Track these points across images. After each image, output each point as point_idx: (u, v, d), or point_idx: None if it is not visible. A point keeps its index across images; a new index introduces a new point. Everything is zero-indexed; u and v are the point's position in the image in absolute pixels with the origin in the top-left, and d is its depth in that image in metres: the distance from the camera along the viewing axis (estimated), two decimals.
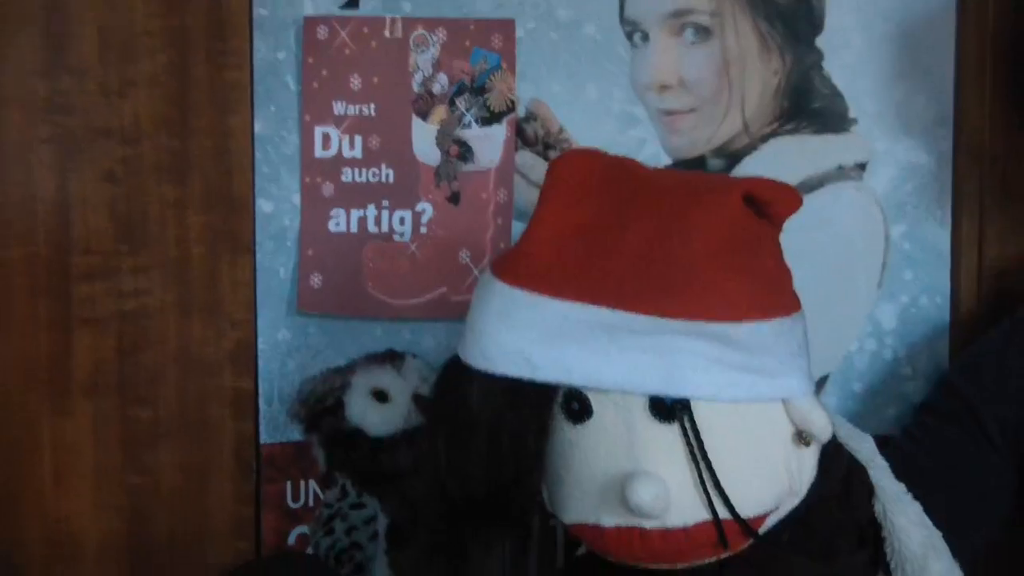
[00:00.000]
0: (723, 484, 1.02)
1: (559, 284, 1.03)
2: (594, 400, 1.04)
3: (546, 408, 1.05)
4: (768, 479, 1.05)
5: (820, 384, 1.53)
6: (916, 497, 1.20)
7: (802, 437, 1.06)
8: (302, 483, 1.53)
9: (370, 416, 1.41)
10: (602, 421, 1.04)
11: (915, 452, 1.39)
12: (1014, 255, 1.52)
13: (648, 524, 1.01)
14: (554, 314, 1.03)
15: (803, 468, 1.08)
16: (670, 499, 1.00)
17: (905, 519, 1.17)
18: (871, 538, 1.17)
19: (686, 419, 1.02)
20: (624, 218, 1.05)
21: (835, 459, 1.14)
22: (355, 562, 1.46)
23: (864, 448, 1.21)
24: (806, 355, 1.09)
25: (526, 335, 1.03)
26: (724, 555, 1.05)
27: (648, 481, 0.99)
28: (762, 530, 1.05)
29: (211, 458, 1.53)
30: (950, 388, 1.42)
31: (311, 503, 1.53)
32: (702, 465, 1.02)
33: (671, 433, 1.02)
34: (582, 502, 1.05)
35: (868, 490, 1.17)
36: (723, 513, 1.02)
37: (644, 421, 1.02)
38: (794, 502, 1.07)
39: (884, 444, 1.39)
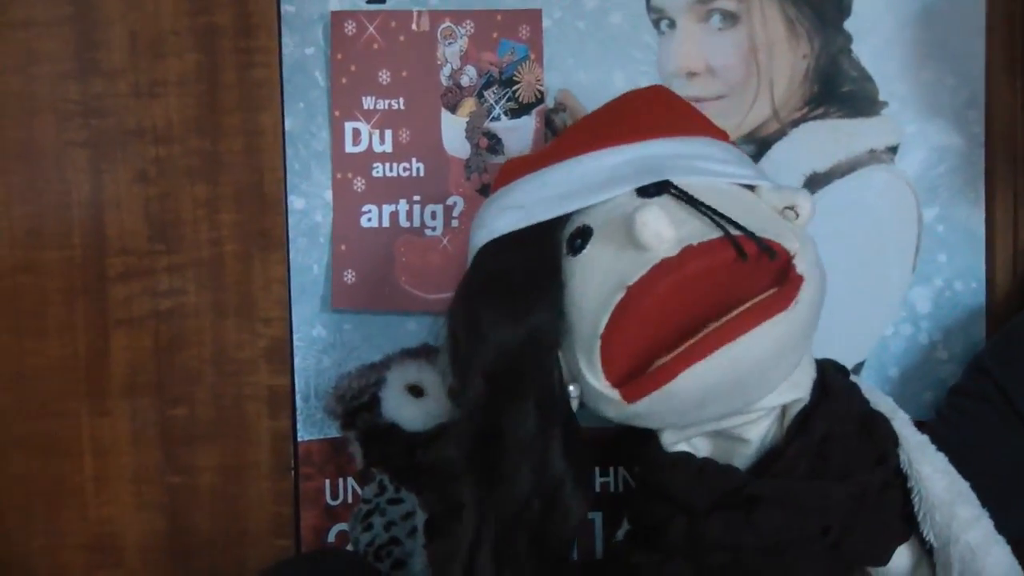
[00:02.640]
0: (720, 211, 1.10)
1: (540, 160, 1.22)
2: (591, 222, 1.14)
3: (548, 243, 1.15)
4: (766, 217, 1.13)
5: (856, 370, 1.52)
6: None
7: (787, 213, 1.17)
8: (340, 480, 1.53)
9: (406, 411, 1.41)
10: (603, 232, 1.13)
11: (948, 434, 1.38)
12: None
13: (667, 250, 1.07)
14: (541, 181, 1.20)
15: (800, 232, 1.15)
16: (669, 221, 1.07)
17: (930, 467, 1.18)
18: (892, 462, 1.17)
19: (672, 188, 1.13)
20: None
21: (843, 393, 1.18)
22: (394, 557, 1.46)
23: (884, 403, 1.23)
24: (754, 168, 1.27)
25: (518, 199, 1.19)
26: (772, 312, 1.07)
27: (646, 208, 1.07)
28: (800, 295, 1.09)
29: (248, 457, 1.53)
30: (981, 369, 1.41)
31: (349, 499, 1.53)
32: (696, 204, 1.11)
33: (662, 202, 1.12)
34: (602, 300, 1.09)
35: (892, 438, 1.18)
36: (733, 230, 1.08)
37: (635, 203, 1.12)
38: (812, 261, 1.12)
39: (918, 427, 1.39)
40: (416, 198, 1.50)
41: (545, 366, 1.14)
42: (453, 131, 1.50)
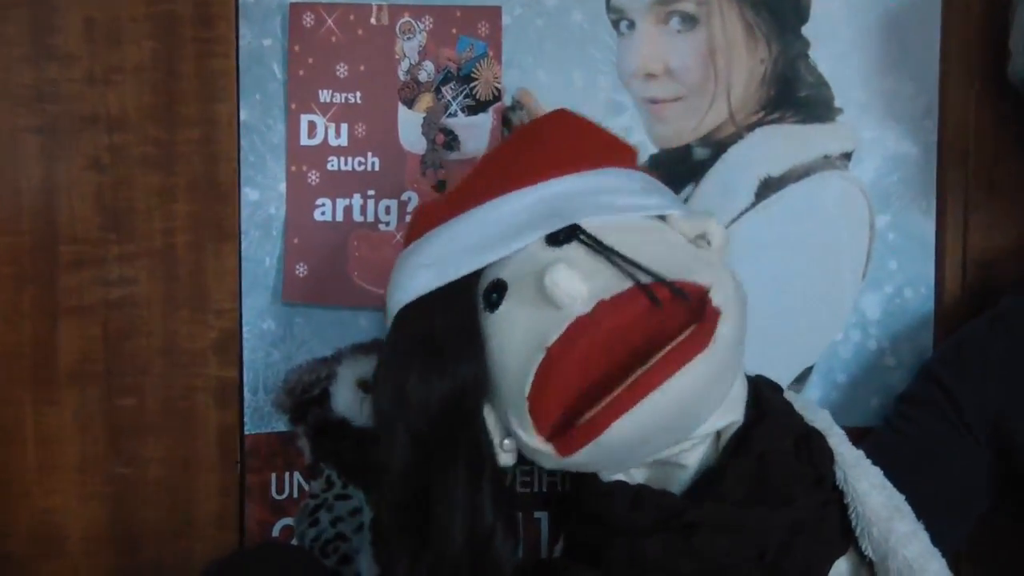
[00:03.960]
0: (629, 257, 1.10)
1: (451, 207, 1.21)
2: (505, 276, 1.13)
3: (465, 299, 1.15)
4: (674, 253, 1.14)
5: (805, 375, 1.53)
6: (896, 485, 1.20)
7: (699, 241, 1.17)
8: (287, 474, 1.53)
9: (355, 406, 1.41)
10: (516, 287, 1.12)
11: (896, 442, 1.39)
12: (998, 246, 1.52)
13: (581, 309, 1.07)
14: (450, 234, 1.19)
15: (713, 262, 1.15)
16: (578, 277, 1.07)
17: (867, 483, 1.18)
18: (829, 481, 1.18)
19: (580, 233, 1.13)
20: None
21: (781, 416, 1.18)
22: (340, 553, 1.46)
23: (820, 418, 1.23)
24: (670, 196, 1.25)
25: (430, 256, 1.18)
26: (691, 354, 1.06)
27: (555, 268, 1.07)
28: (719, 326, 1.08)
29: (196, 448, 1.52)
30: (931, 378, 1.42)
31: (296, 494, 1.52)
32: (605, 250, 1.11)
33: (571, 249, 1.13)
34: (525, 350, 1.09)
35: (828, 454, 1.18)
36: (644, 279, 1.08)
37: (547, 257, 1.12)
38: (726, 296, 1.10)
39: (866, 435, 1.41)
40: (371, 193, 1.50)
41: (471, 424, 1.14)
42: (410, 126, 1.49)
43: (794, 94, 1.50)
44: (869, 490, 1.18)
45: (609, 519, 1.14)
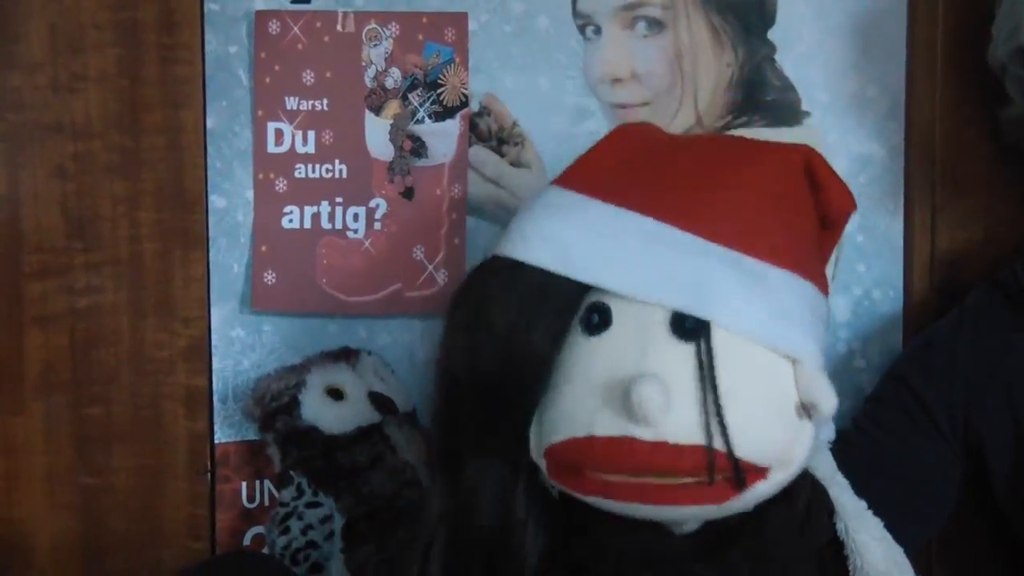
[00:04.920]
0: (724, 412, 1.00)
1: (607, 190, 1.07)
2: (615, 311, 1.03)
3: (567, 315, 1.05)
4: (768, 429, 1.03)
5: None
6: (865, 487, 1.20)
7: (804, 409, 1.05)
8: (256, 482, 1.52)
9: (325, 414, 1.41)
10: (619, 331, 1.03)
11: (864, 443, 1.39)
12: (966, 247, 1.53)
13: (642, 433, 0.99)
14: (598, 216, 1.06)
15: (800, 440, 1.05)
16: (670, 405, 0.98)
17: (867, 535, 1.15)
18: (830, 564, 1.15)
19: (703, 339, 1.01)
20: (679, 147, 1.14)
21: (800, 485, 1.12)
22: (311, 561, 1.45)
23: (823, 464, 1.20)
24: (823, 337, 1.09)
25: (568, 229, 1.06)
26: (706, 502, 1.02)
27: (653, 381, 0.98)
28: (749, 492, 1.02)
29: (164, 458, 1.52)
30: (898, 378, 1.42)
31: (266, 502, 1.52)
32: (708, 386, 1.00)
33: (685, 352, 1.01)
34: (577, 414, 1.03)
35: (828, 510, 1.16)
36: (719, 444, 1.00)
37: (662, 335, 1.02)
38: (783, 477, 1.04)
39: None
40: (338, 200, 1.49)
41: (524, 415, 1.08)
42: (377, 133, 1.49)
43: (761, 98, 1.50)
44: (869, 542, 1.16)
45: (600, 538, 1.12)
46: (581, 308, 1.05)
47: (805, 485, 1.13)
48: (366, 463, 1.41)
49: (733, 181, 1.06)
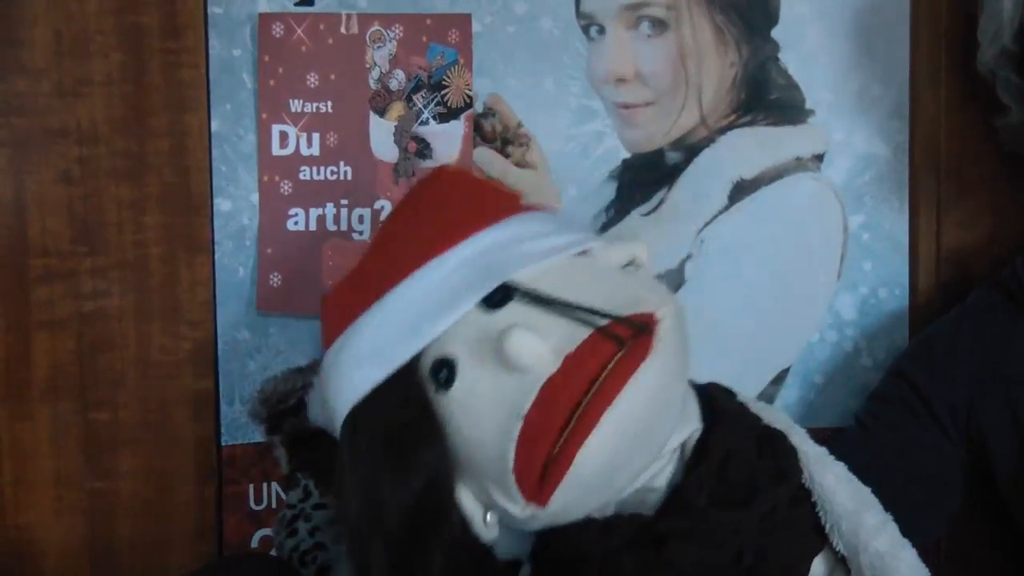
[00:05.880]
0: (577, 303, 1.05)
1: (358, 301, 1.12)
2: (449, 351, 1.07)
3: (412, 384, 1.08)
4: (619, 284, 1.10)
5: (781, 376, 1.53)
6: (868, 484, 1.20)
7: (630, 267, 1.14)
8: (264, 485, 1.52)
9: None
10: (468, 360, 1.06)
11: (867, 440, 1.40)
12: (971, 244, 1.53)
13: (545, 371, 1.02)
14: (381, 316, 1.10)
15: (647, 280, 1.13)
16: (540, 339, 1.02)
17: (833, 477, 1.16)
18: (794, 478, 1.16)
19: (518, 290, 1.07)
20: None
21: (736, 419, 1.15)
22: (319, 563, 1.45)
23: (779, 418, 1.21)
24: (575, 229, 1.17)
25: (367, 344, 1.09)
26: (624, 354, 1.04)
27: (512, 334, 1.02)
28: (665, 334, 1.05)
29: (172, 461, 1.52)
30: (901, 376, 1.42)
31: (274, 505, 1.52)
32: (554, 304, 1.06)
33: (510, 308, 1.06)
34: (499, 434, 1.04)
35: (792, 452, 1.17)
36: (600, 321, 1.04)
37: (491, 320, 1.06)
38: (676, 307, 1.09)
39: (838, 434, 1.41)
40: (344, 202, 1.49)
41: (447, 511, 1.09)
42: (381, 135, 1.49)
43: (765, 97, 1.51)
44: (835, 484, 1.17)
45: (583, 545, 1.12)
46: (424, 379, 1.08)
47: (744, 420, 1.17)
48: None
49: (438, 214, 1.15)
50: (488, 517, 1.10)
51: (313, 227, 1.49)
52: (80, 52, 1.47)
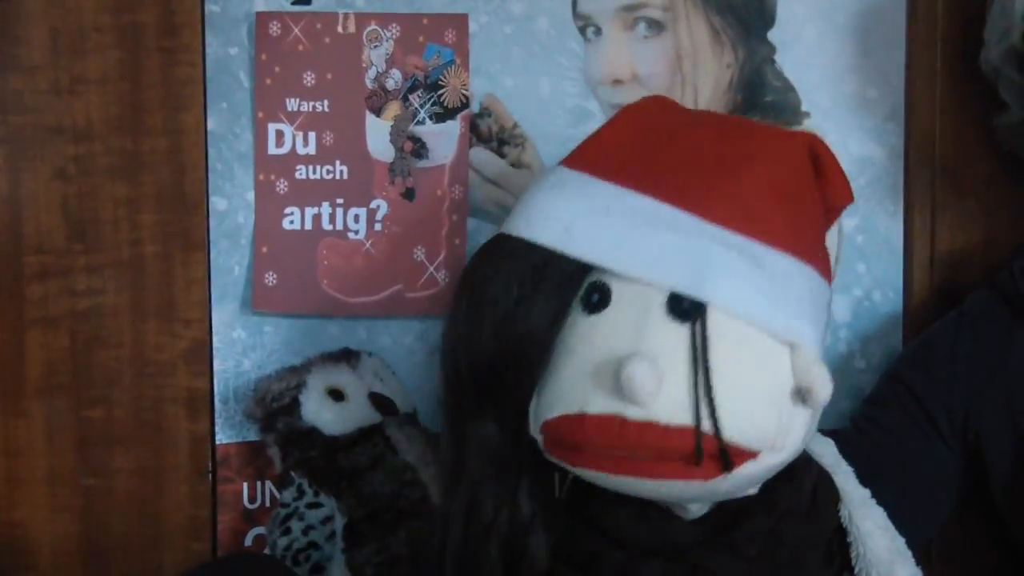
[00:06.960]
0: (715, 395, 1.00)
1: (611, 170, 1.08)
2: (615, 291, 1.04)
3: (568, 294, 1.05)
4: (759, 413, 1.03)
5: None
6: (864, 487, 1.20)
7: (800, 394, 1.04)
8: (258, 483, 1.53)
9: (325, 415, 1.41)
10: (617, 311, 1.04)
11: (863, 444, 1.39)
12: (965, 248, 1.53)
13: (632, 412, 0.99)
14: (601, 195, 1.06)
15: (793, 427, 1.05)
16: (660, 385, 0.99)
17: (871, 523, 1.16)
18: (837, 552, 1.16)
19: (699, 321, 1.02)
20: (685, 128, 1.12)
21: (805, 469, 1.14)
22: (312, 562, 1.45)
23: (828, 453, 1.21)
24: (824, 322, 1.09)
25: (570, 208, 1.06)
26: (693, 479, 1.01)
27: (644, 361, 0.99)
28: (737, 472, 1.01)
29: (166, 459, 1.52)
30: (897, 379, 1.42)
31: (267, 503, 1.52)
32: (700, 368, 1.00)
33: (680, 333, 1.01)
34: (572, 391, 1.03)
35: (834, 496, 1.17)
36: (707, 427, 1.00)
37: (658, 316, 1.02)
38: (774, 461, 1.04)
39: (832, 436, 1.41)
40: (339, 201, 1.49)
41: (523, 391, 1.08)
42: (377, 134, 1.49)
43: (760, 99, 1.51)
44: (873, 530, 1.16)
45: (610, 528, 1.11)
46: (582, 287, 1.05)
47: (811, 470, 1.15)
48: (367, 464, 1.42)
49: (737, 164, 1.06)
50: None
51: (309, 226, 1.49)
52: (77, 50, 1.47)
